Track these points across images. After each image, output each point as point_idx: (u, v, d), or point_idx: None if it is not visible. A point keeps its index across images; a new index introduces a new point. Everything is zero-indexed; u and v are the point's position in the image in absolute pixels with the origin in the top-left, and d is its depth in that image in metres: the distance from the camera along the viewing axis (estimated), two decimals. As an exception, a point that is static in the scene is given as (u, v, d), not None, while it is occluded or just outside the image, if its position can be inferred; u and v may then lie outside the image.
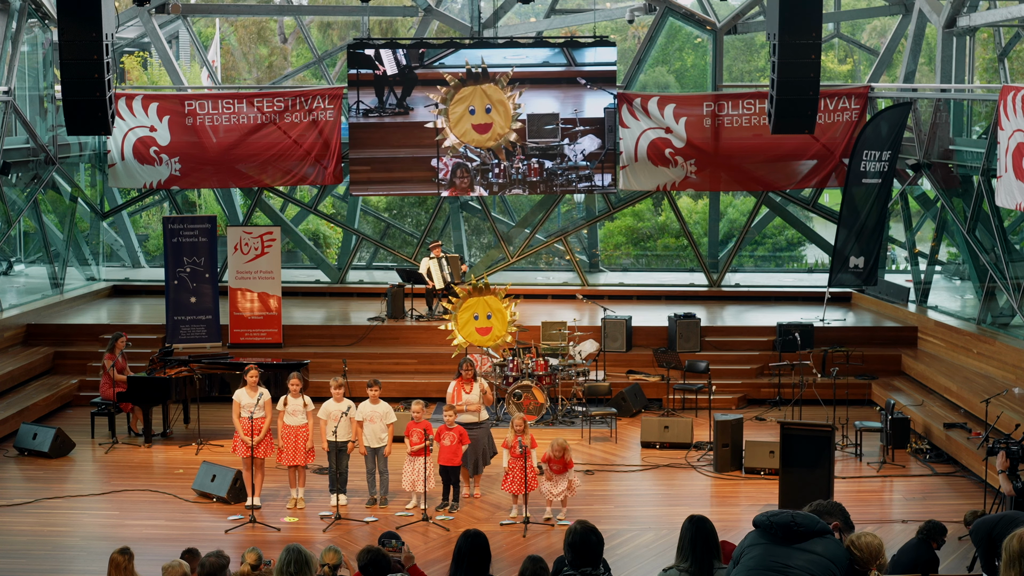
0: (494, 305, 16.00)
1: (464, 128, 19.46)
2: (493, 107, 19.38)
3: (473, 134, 19.41)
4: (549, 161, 19.54)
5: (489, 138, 19.50)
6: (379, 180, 19.75)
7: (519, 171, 19.51)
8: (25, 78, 19.27)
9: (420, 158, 19.60)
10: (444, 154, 19.54)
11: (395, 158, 19.64)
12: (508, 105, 19.40)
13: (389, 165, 19.67)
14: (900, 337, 17.91)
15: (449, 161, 19.55)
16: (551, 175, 19.58)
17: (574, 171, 19.55)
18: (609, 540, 6.41)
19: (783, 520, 5.30)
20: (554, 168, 19.56)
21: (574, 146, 19.54)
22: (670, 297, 20.58)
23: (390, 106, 19.47)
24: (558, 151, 19.53)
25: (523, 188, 19.77)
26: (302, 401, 12.36)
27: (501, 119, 19.40)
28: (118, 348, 15.30)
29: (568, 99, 19.55)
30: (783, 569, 5.22)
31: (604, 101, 19.49)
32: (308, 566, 6.54)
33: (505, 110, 19.42)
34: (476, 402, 12.73)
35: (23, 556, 10.97)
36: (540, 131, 19.55)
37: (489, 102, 19.39)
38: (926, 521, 9.27)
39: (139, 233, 24.41)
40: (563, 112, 19.53)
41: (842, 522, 5.91)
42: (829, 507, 6.08)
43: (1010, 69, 21.47)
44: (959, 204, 17.74)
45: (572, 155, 19.54)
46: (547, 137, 19.55)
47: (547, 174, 19.58)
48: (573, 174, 19.55)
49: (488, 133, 19.48)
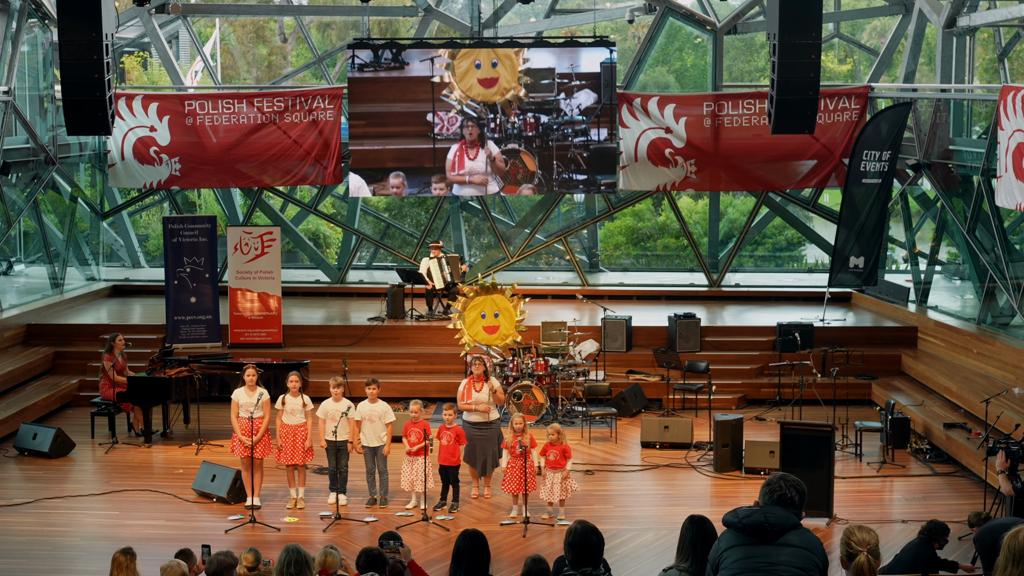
0: (501, 304, 16.01)
1: (470, 83, 19.36)
2: (499, 61, 19.30)
3: (479, 88, 19.34)
4: (545, 116, 19.49)
5: (495, 92, 19.40)
6: (374, 135, 19.57)
7: (515, 126, 19.46)
8: (25, 78, 19.27)
9: (415, 113, 19.45)
10: (440, 109, 19.49)
11: (391, 112, 19.51)
12: (515, 60, 19.31)
13: (385, 119, 19.51)
14: (900, 337, 17.91)
15: (445, 116, 19.50)
16: (547, 130, 19.51)
17: (570, 126, 19.48)
18: (609, 540, 6.41)
19: (756, 520, 5.31)
20: (550, 123, 19.48)
21: (570, 101, 19.49)
22: (670, 297, 20.58)
23: (385, 60, 19.38)
24: (554, 106, 19.48)
25: (519, 143, 19.61)
26: (301, 400, 12.35)
27: (508, 73, 19.30)
28: (116, 348, 15.29)
29: (564, 54, 19.51)
30: (768, 568, 5.24)
31: (600, 56, 19.39)
32: (308, 566, 6.54)
33: (512, 64, 19.32)
34: (485, 401, 12.70)
35: (23, 556, 10.96)
36: (536, 86, 19.47)
37: (495, 57, 19.31)
38: (928, 521, 9.27)
39: (139, 233, 24.42)
40: (559, 67, 19.47)
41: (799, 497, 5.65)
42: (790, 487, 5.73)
43: (1010, 69, 21.47)
44: (959, 204, 17.74)
45: (568, 110, 19.48)
46: (543, 92, 19.50)
47: (543, 129, 19.51)
48: (569, 129, 19.49)
49: (495, 87, 19.37)
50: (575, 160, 19.45)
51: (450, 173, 19.28)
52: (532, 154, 18.83)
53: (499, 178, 19.31)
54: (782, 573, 5.22)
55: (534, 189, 19.47)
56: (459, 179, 19.06)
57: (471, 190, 19.63)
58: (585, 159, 19.43)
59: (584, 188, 19.69)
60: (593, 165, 19.47)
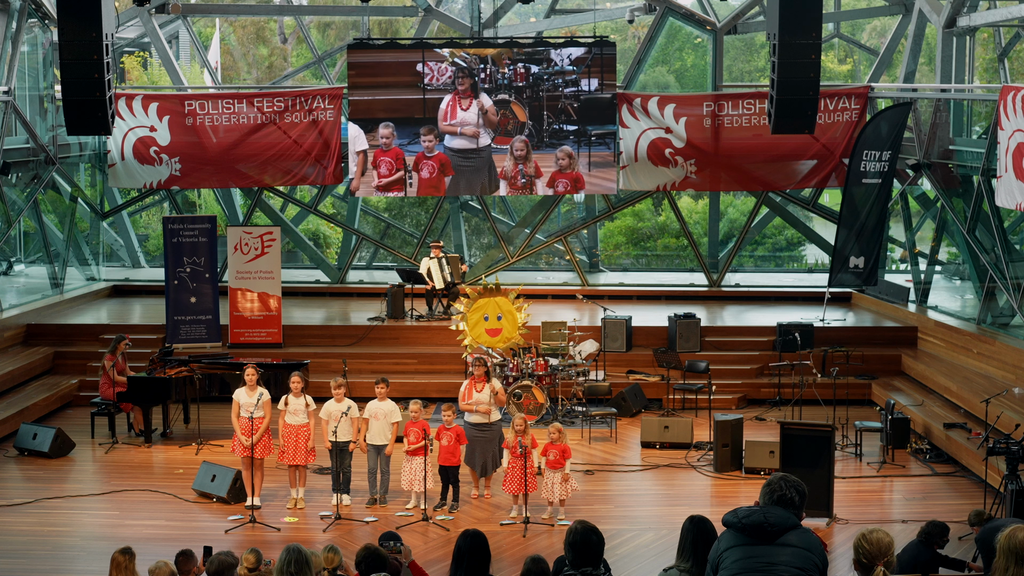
0: (504, 306, 15.98)
1: None
2: None
3: None
4: (536, 66, 19.46)
5: None
6: (364, 84, 19.49)
7: (504, 76, 19.40)
8: (25, 78, 19.27)
9: (406, 63, 19.36)
10: (430, 59, 19.42)
11: (381, 63, 19.44)
12: None
13: (375, 69, 19.44)
14: (900, 337, 17.91)
15: (435, 67, 19.43)
16: (537, 80, 19.43)
17: (560, 76, 19.44)
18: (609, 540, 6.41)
19: (756, 520, 5.30)
20: (540, 73, 19.43)
21: (560, 51, 19.43)
22: (670, 297, 20.58)
23: None
24: (544, 56, 19.43)
25: (509, 93, 19.47)
26: (304, 401, 12.36)
27: None
28: (119, 350, 15.31)
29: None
30: (769, 568, 5.23)
31: None
32: (308, 566, 6.55)
33: None
34: (486, 402, 12.70)
35: (23, 556, 10.97)
36: None
37: None
38: (927, 522, 9.25)
39: (139, 233, 24.42)
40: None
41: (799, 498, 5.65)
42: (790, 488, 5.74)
43: (1010, 69, 21.47)
44: (959, 204, 17.74)
45: (559, 60, 19.41)
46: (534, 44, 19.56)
47: (533, 79, 19.43)
48: (559, 79, 19.44)
49: None
50: (565, 111, 19.39)
51: (442, 123, 19.24)
52: (523, 104, 18.97)
53: (490, 131, 19.28)
54: (782, 573, 5.22)
55: (526, 141, 19.32)
56: (450, 129, 19.09)
57: (462, 141, 19.44)
58: (576, 109, 19.36)
59: (575, 139, 19.47)
60: (584, 116, 19.39)
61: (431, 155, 18.82)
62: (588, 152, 18.78)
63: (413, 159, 19.27)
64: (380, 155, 18.84)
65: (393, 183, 18.93)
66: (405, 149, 18.98)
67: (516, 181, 18.27)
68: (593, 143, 18.18)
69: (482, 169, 19.17)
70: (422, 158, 18.87)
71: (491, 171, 19.08)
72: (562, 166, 18.81)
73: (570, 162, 18.55)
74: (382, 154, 18.59)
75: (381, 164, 18.44)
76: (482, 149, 18.55)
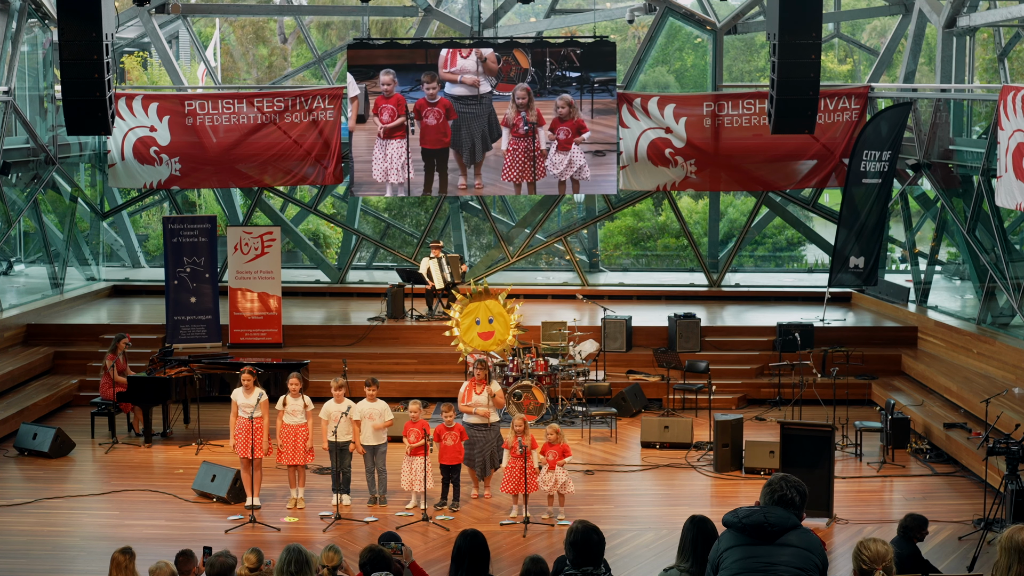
0: (495, 309, 15.95)
1: None
2: None
3: None
4: None
5: None
6: None
7: None
8: (25, 78, 19.27)
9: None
10: None
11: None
12: None
13: None
14: (900, 337, 17.91)
15: None
16: None
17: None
18: (609, 540, 6.41)
19: (756, 520, 5.30)
20: None
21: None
22: (670, 297, 20.58)
23: None
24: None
25: None
26: (302, 401, 12.35)
27: None
28: (120, 348, 15.31)
29: None
30: (769, 568, 5.23)
31: None
32: (308, 566, 6.55)
33: None
34: (484, 404, 12.71)
35: (23, 556, 10.97)
36: None
37: None
38: (906, 515, 9.14)
39: (139, 233, 24.42)
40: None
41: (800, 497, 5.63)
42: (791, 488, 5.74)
43: (1010, 69, 21.47)
44: (959, 204, 17.74)
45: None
46: None
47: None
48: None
49: None
50: (568, 57, 19.34)
51: (442, 70, 19.20)
52: (525, 51, 18.98)
53: (491, 78, 19.25)
54: (782, 573, 5.22)
55: (527, 89, 19.21)
56: (451, 76, 19.04)
57: (461, 89, 19.34)
58: (579, 56, 19.31)
59: (577, 86, 19.34)
60: (586, 62, 19.32)
61: (433, 102, 18.78)
62: (591, 99, 18.76)
63: (414, 105, 19.28)
64: (382, 102, 18.85)
65: (395, 129, 18.91)
66: (407, 96, 18.97)
67: (519, 129, 18.27)
68: (596, 90, 18.16)
69: (482, 116, 19.13)
70: (424, 105, 18.88)
71: (491, 118, 19.05)
72: (561, 115, 18.82)
73: (570, 111, 18.55)
74: (384, 101, 18.58)
75: (383, 111, 18.50)
76: (483, 96, 18.55)
